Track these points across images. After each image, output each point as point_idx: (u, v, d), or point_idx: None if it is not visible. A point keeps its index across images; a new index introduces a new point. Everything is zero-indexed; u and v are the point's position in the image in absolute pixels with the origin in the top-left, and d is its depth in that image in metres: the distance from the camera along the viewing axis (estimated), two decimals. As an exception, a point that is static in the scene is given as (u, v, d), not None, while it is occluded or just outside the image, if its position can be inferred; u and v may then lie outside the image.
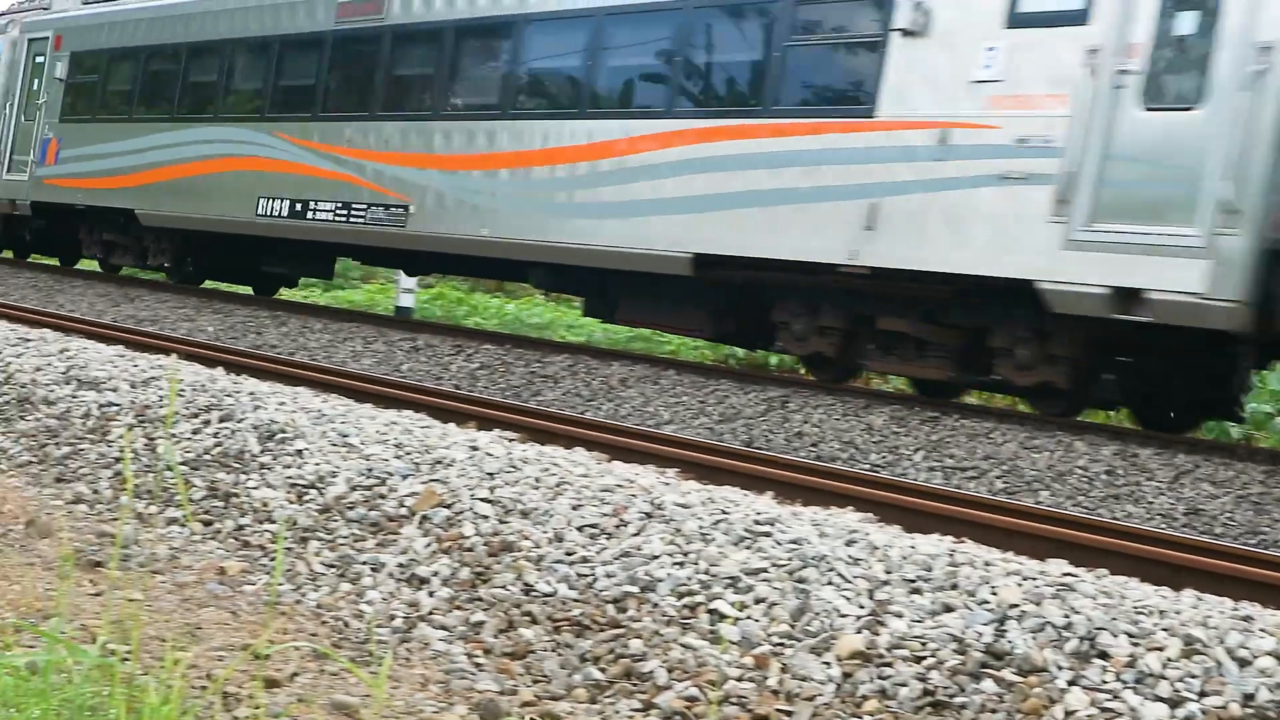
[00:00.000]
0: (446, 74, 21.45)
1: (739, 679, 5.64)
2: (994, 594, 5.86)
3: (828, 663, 5.60)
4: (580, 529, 7.00)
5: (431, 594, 6.74)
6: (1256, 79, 12.98)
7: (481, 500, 7.43)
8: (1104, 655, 5.37)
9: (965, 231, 15.03)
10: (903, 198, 15.57)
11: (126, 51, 27.90)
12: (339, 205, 22.33)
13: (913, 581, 6.09)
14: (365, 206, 21.86)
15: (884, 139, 15.84)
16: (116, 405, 10.45)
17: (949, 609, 5.81)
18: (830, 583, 6.10)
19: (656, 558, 6.55)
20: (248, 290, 27.69)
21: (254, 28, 24.86)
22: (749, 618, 5.99)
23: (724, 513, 7.06)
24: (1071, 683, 5.26)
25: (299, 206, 23.03)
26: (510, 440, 9.43)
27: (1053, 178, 14.31)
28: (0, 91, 30.42)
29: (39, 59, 29.58)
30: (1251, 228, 12.94)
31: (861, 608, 5.90)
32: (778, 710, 5.45)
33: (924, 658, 5.53)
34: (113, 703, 3.96)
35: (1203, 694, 5.12)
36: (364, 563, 7.22)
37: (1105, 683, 5.24)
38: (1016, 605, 5.73)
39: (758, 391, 16.46)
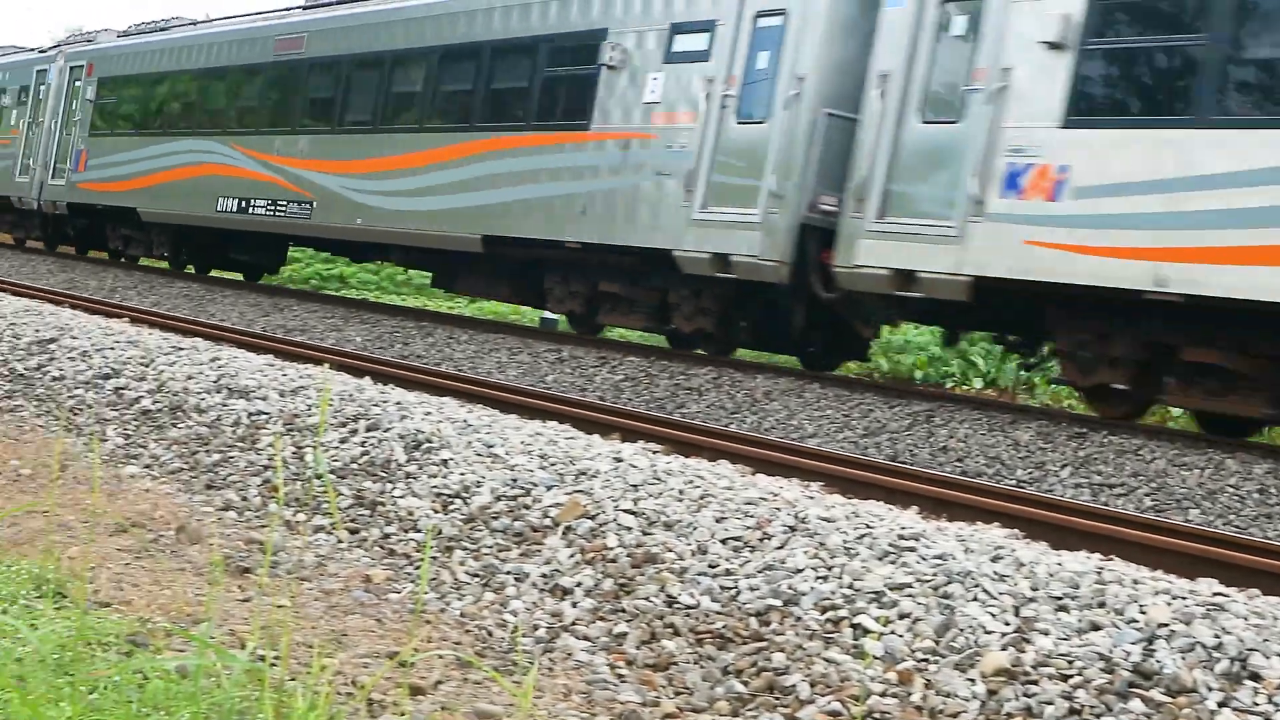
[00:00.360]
0: (340, 97, 27.70)
1: (882, 694, 5.59)
2: (1142, 613, 5.76)
3: (972, 679, 5.54)
4: (724, 541, 6.98)
5: (575, 604, 6.75)
6: (793, 101, 18.25)
7: (625, 512, 7.44)
8: (1256, 677, 5.27)
9: (636, 215, 20.36)
10: (602, 191, 21.05)
11: (132, 78, 34.27)
12: (269, 202, 28.25)
13: (1059, 599, 6.01)
14: (285, 203, 27.78)
15: (593, 147, 21.36)
16: (266, 414, 10.59)
17: (1096, 627, 5.73)
18: (975, 599, 6.04)
19: (800, 571, 6.52)
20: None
21: (219, 58, 31.45)
22: (893, 633, 5.94)
23: (868, 527, 7.02)
24: (1222, 704, 5.17)
25: (244, 204, 29.00)
26: (654, 452, 9.43)
27: (685, 174, 19.49)
28: (49, 111, 36.60)
29: (76, 83, 35.84)
30: (790, 209, 18.21)
31: (1007, 625, 5.83)
32: (921, 727, 5.42)
33: (1070, 676, 5.45)
34: (261, 707, 4.00)
35: (1359, 719, 5.03)
36: (508, 572, 7.25)
37: (1257, 705, 5.14)
38: (1165, 624, 5.64)
39: (903, 405, 16.36)
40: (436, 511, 8.21)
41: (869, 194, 17.34)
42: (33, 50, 41.65)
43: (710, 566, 6.76)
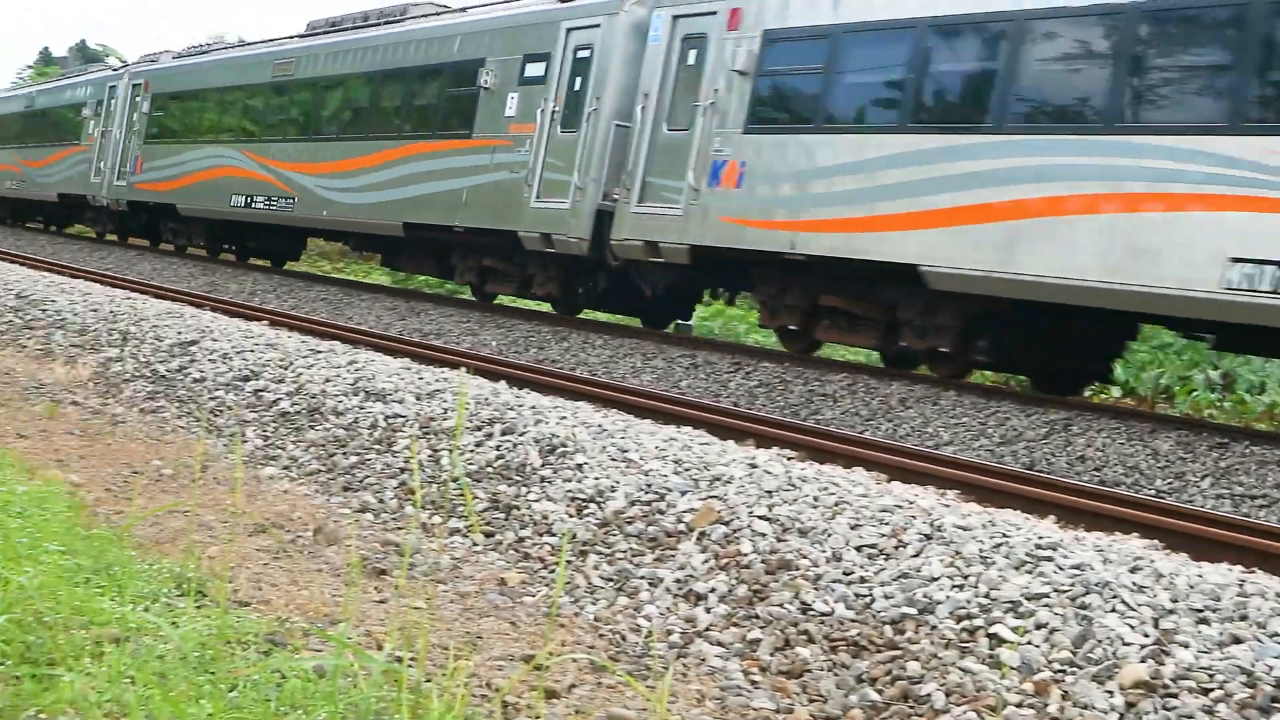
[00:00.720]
0: (314, 111, 33.44)
1: (1018, 705, 5.54)
2: (1286, 626, 5.68)
3: (1110, 691, 5.47)
4: (858, 549, 6.95)
5: (709, 610, 6.75)
6: (593, 115, 23.57)
7: (759, 518, 7.43)
8: (1405, 694, 5.17)
9: (498, 205, 25.53)
10: (477, 186, 26.38)
11: (174, 93, 40.35)
12: (266, 198, 33.74)
13: (1200, 611, 5.92)
14: (276, 199, 33.23)
15: (474, 150, 26.80)
16: (402, 416, 10.68)
17: (1238, 640, 5.63)
18: (1114, 610, 5.96)
19: (935, 580, 6.47)
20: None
21: (233, 78, 37.53)
22: (1029, 643, 5.88)
23: (1005, 536, 6.95)
24: (1368, 721, 5.08)
25: (248, 200, 34.47)
26: (789, 458, 9.41)
27: (528, 172, 24.79)
28: (115, 122, 42.52)
29: (137, 98, 41.89)
30: (589, 199, 23.50)
31: (1146, 636, 5.75)
32: (1058, 738, 5.36)
33: (1211, 690, 5.37)
34: (397, 708, 4.03)
35: None
36: (642, 577, 7.26)
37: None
38: (1310, 639, 5.55)
39: (1039, 414, 16.20)
40: (571, 516, 8.24)
41: (633, 185, 22.64)
42: (109, 69, 50.06)
43: (845, 574, 6.73)
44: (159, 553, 6.80)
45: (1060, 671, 5.67)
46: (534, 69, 25.50)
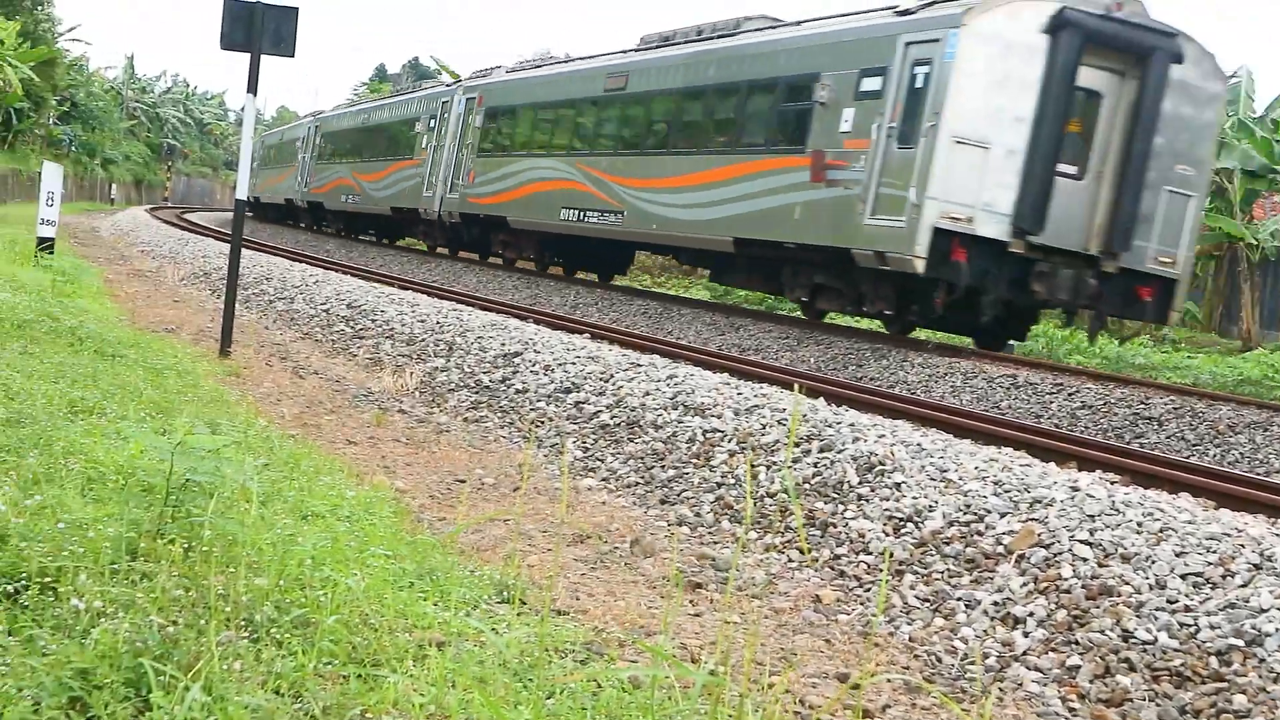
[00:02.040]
0: (647, 124, 33.33)
1: (1353, 745, 5.34)
2: None
3: None
4: (1183, 577, 6.77)
5: (1026, 634, 6.65)
6: (930, 131, 21.81)
7: (1081, 542, 7.29)
8: None
9: (831, 221, 24.26)
10: (810, 202, 25.25)
11: (505, 108, 41.11)
12: (595, 212, 33.53)
13: None
14: (606, 213, 33.01)
15: (807, 166, 25.62)
16: (720, 431, 10.73)
17: None
18: None
19: (1265, 611, 6.26)
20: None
21: (563, 92, 37.73)
22: (1366, 681, 5.66)
23: (1340, 568, 6.70)
24: None
25: (579, 214, 34.39)
26: (1112, 482, 9.21)
27: (862, 188, 23.36)
28: (448, 136, 44.07)
29: (470, 113, 43.02)
30: (927, 216, 21.71)
31: None
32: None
33: None
34: (711, 722, 4.05)
35: None
36: (958, 598, 7.19)
37: None
38: None
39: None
40: (888, 534, 8.19)
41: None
42: (443, 85, 51.59)
43: (1168, 602, 6.56)
44: (480, 559, 6.96)
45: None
46: (870, 83, 24.06)
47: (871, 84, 23.82)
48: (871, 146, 23.28)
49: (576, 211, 34.53)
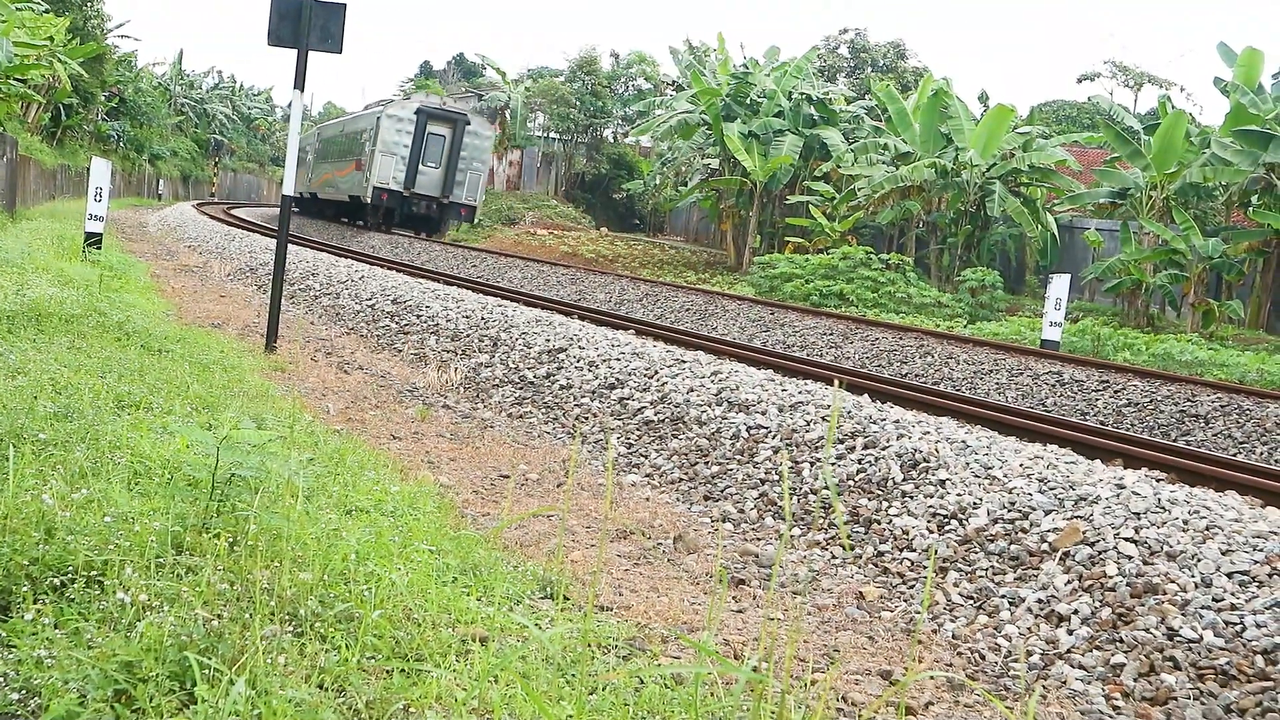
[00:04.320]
0: (331, 147, 67.40)
1: (1400, 745, 5.30)
2: None
3: None
4: (1229, 575, 6.73)
5: (1070, 632, 6.62)
6: (376, 149, 55.41)
7: (1126, 540, 7.26)
8: None
9: None
10: None
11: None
12: (331, 186, 65.55)
13: None
14: (335, 186, 64.57)
15: None
16: (765, 428, 10.72)
17: None
18: None
19: (1311, 610, 6.23)
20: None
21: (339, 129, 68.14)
22: None
23: (1388, 567, 6.66)
24: None
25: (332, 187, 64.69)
26: (1158, 480, 9.17)
27: None
28: None
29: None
30: (374, 182, 53.06)
31: None
32: None
33: None
34: (755, 719, 4.05)
35: None
36: (1002, 596, 7.16)
37: None
38: None
39: None
40: (932, 532, 8.17)
41: None
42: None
43: (1214, 600, 6.52)
44: (523, 555, 6.97)
45: None
46: (370, 133, 57.62)
47: (370, 133, 50.48)
48: (368, 156, 49.93)
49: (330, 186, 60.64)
